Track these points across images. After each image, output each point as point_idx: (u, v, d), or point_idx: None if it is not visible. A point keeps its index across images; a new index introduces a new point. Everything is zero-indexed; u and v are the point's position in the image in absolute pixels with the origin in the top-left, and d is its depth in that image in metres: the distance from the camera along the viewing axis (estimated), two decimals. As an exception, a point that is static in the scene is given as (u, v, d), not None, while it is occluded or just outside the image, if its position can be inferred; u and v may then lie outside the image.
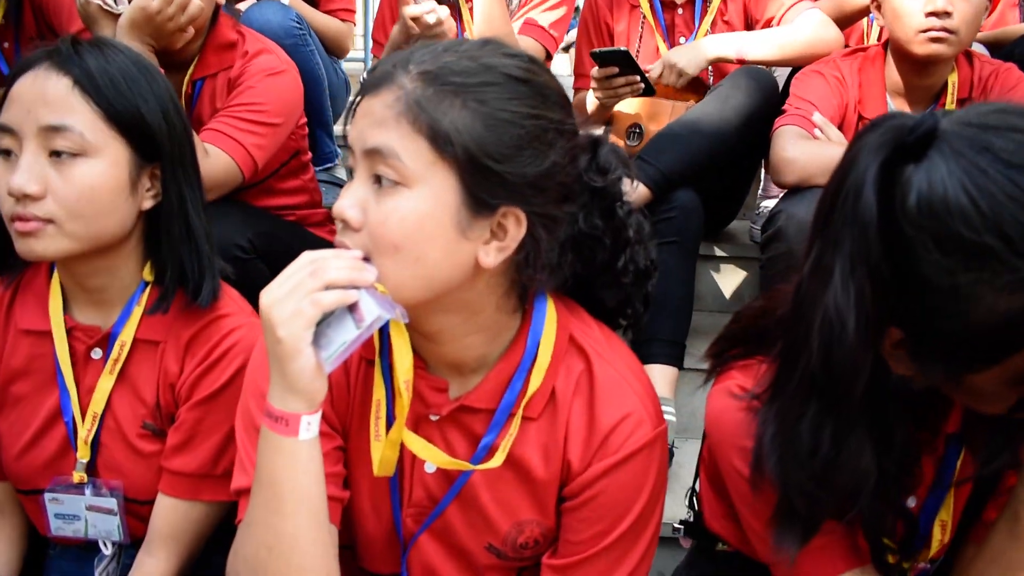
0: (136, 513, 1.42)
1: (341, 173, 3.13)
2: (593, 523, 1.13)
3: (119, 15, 1.92)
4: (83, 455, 1.39)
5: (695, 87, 2.48)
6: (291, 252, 2.20)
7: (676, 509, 2.07)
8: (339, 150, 3.11)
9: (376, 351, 1.16)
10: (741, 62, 2.43)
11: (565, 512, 1.15)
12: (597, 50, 2.36)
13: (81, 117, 1.25)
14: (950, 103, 2.23)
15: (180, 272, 1.37)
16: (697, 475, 1.49)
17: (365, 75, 1.10)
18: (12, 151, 1.25)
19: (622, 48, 2.34)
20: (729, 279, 2.84)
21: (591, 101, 2.51)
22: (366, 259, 1.00)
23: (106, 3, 1.94)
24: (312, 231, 2.37)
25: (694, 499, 1.51)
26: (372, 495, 1.21)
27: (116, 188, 1.29)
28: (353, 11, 3.08)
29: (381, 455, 1.13)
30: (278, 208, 2.30)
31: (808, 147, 2.09)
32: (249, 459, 1.13)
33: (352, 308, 0.98)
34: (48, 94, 1.24)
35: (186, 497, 1.38)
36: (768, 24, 2.51)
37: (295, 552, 1.03)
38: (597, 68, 2.35)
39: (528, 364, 1.13)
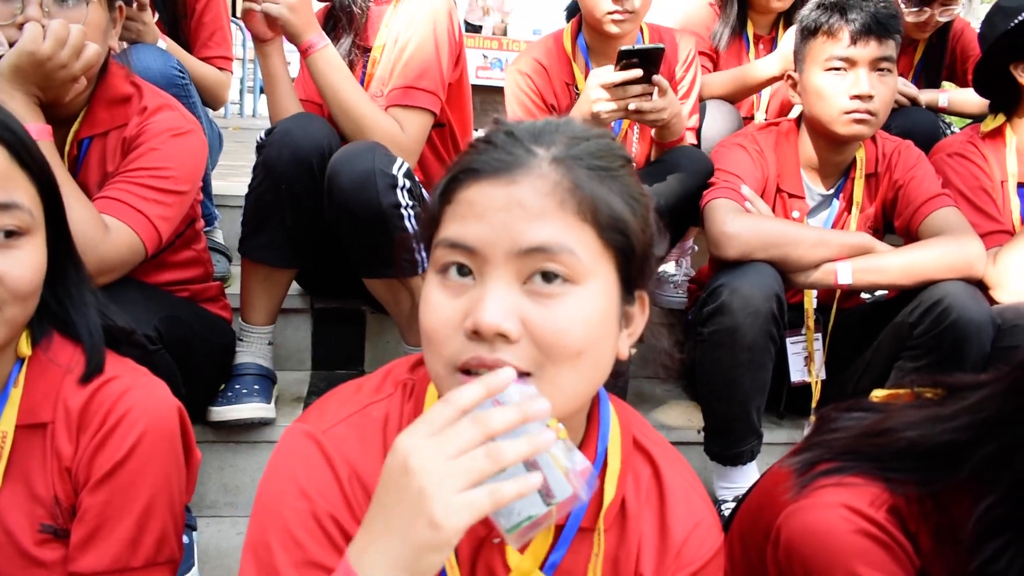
0: None
1: (219, 236, 2.84)
2: None
3: None
4: None
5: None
6: (195, 338, 1.96)
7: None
8: (217, 212, 2.82)
9: None
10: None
11: None
12: (631, 47, 2.12)
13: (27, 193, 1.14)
14: (858, 177, 2.32)
15: (71, 336, 1.24)
16: None
17: (474, 160, 0.92)
18: None
19: (661, 44, 2.21)
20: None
21: None
22: (523, 374, 0.85)
23: None
24: (207, 308, 2.11)
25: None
26: None
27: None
28: (231, 59, 2.82)
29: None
30: (171, 284, 2.02)
31: (748, 222, 2.09)
32: None
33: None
34: None
35: None
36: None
37: None
38: (613, 70, 2.12)
39: (597, 472, 1.02)
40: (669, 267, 2.93)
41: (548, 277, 0.87)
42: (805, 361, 2.35)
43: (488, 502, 0.77)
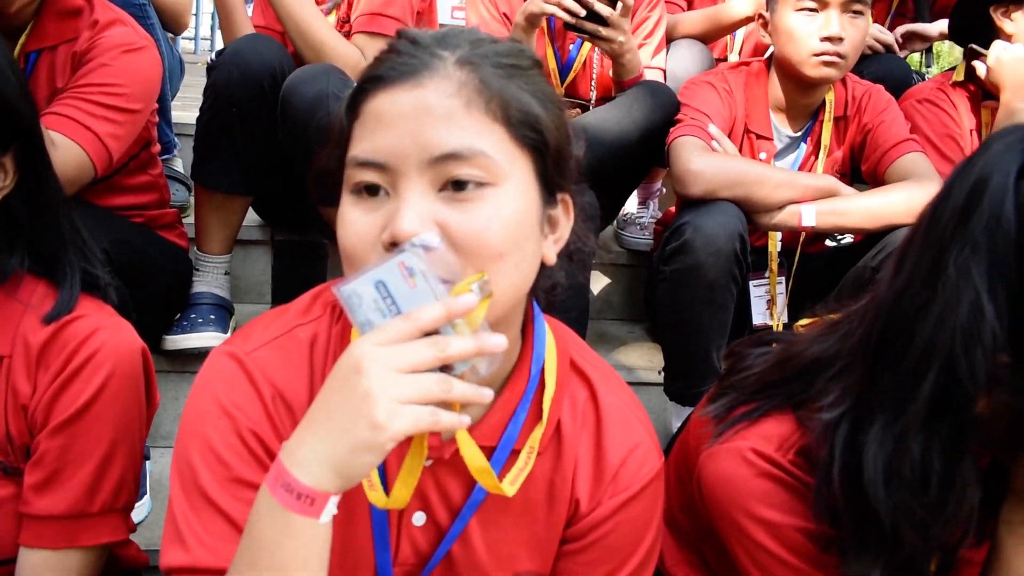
0: None
1: (178, 165, 2.77)
2: (598, 566, 1.03)
3: None
4: None
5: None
6: (148, 264, 1.92)
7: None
8: (177, 140, 2.75)
9: None
10: None
11: (566, 556, 1.04)
12: None
13: None
14: (827, 120, 2.30)
15: (41, 266, 1.17)
16: None
17: (378, 68, 0.90)
18: None
19: None
20: (595, 285, 2.80)
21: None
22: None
23: None
24: (162, 235, 2.06)
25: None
26: (349, 560, 1.01)
27: None
28: (193, -17, 2.73)
29: (396, 491, 0.92)
30: (124, 208, 1.98)
31: (713, 160, 2.07)
32: (192, 532, 0.92)
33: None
34: None
35: (59, 546, 1.15)
36: None
37: None
38: None
39: (532, 393, 1.00)
40: (635, 208, 2.90)
41: (461, 184, 0.85)
42: (767, 304, 2.35)
43: (428, 421, 0.78)
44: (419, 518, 1.01)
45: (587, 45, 2.43)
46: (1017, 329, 0.88)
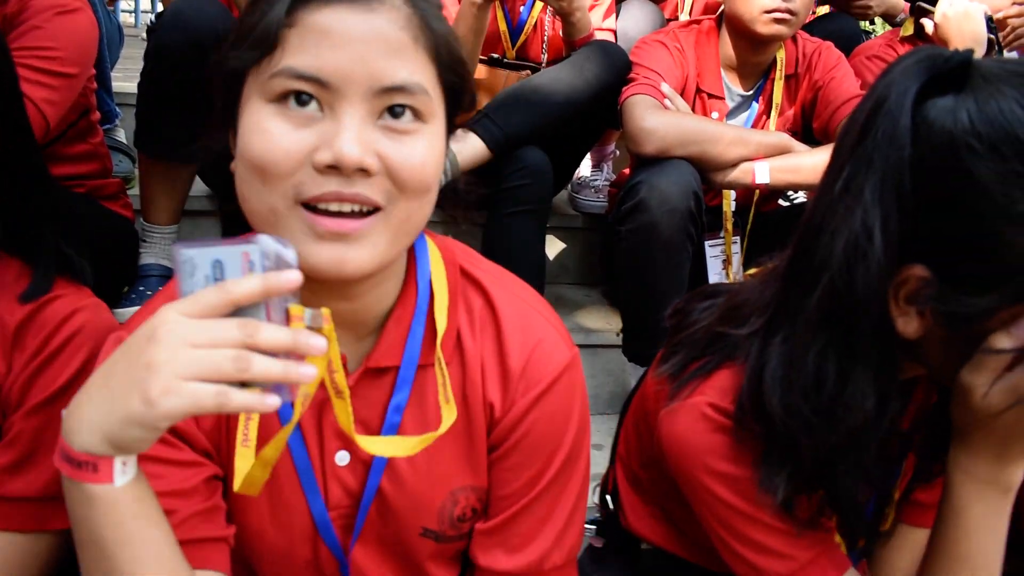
0: None
1: (120, 135, 2.69)
2: (525, 468, 1.02)
3: None
4: None
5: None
6: (94, 235, 1.86)
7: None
8: (118, 109, 2.67)
9: None
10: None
11: (493, 465, 1.04)
12: None
13: None
14: (778, 78, 2.31)
15: (15, 245, 1.12)
16: (608, 477, 1.44)
17: None
18: None
19: None
20: (551, 249, 2.79)
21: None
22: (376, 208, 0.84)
23: None
24: (107, 205, 2.00)
25: (606, 498, 1.43)
26: (282, 515, 1.01)
27: None
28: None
29: (251, 469, 0.90)
30: (65, 178, 1.91)
31: (666, 118, 2.06)
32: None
33: None
34: None
35: (29, 528, 1.11)
36: None
37: None
38: None
39: (425, 307, 1.00)
40: (589, 171, 2.89)
41: (396, 113, 0.85)
42: (723, 264, 2.36)
43: (212, 403, 0.73)
44: (342, 457, 1.00)
45: (538, 6, 2.40)
46: (931, 240, 0.89)
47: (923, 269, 0.90)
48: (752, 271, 1.25)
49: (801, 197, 2.85)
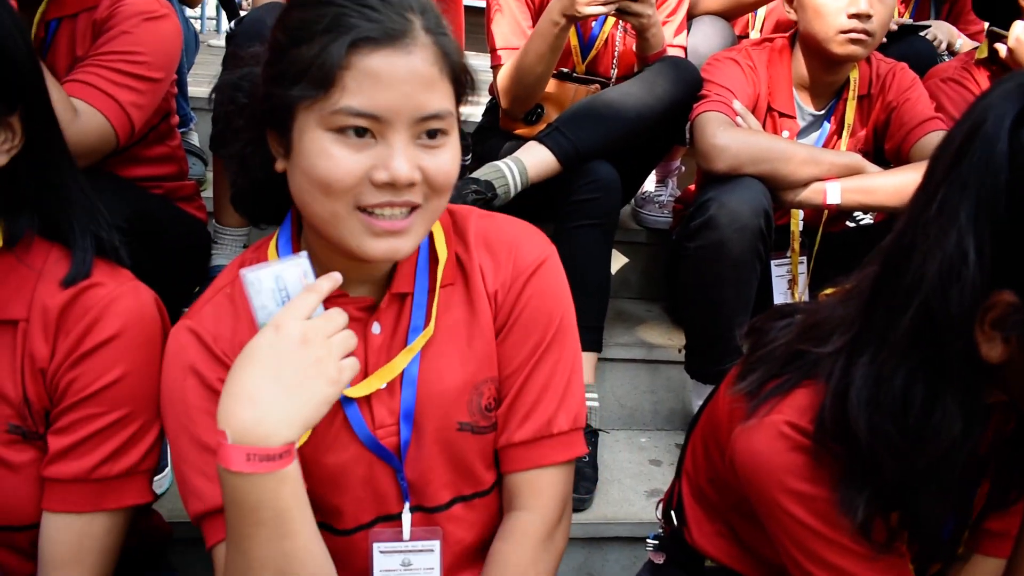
0: (11, 544, 1.16)
1: (194, 139, 2.75)
2: (524, 342, 1.21)
3: None
4: None
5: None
6: (168, 235, 1.91)
7: (605, 508, 1.99)
8: (193, 114, 2.73)
9: None
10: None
11: (500, 347, 1.22)
12: None
13: None
14: (851, 98, 2.28)
15: (52, 230, 1.17)
16: (672, 492, 1.43)
17: (362, 27, 1.02)
18: None
19: None
20: (613, 264, 2.78)
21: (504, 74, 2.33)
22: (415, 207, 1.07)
23: None
24: (182, 207, 2.05)
25: (670, 513, 1.41)
26: (335, 443, 1.17)
27: None
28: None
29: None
30: (143, 180, 1.96)
31: (738, 135, 2.04)
32: (202, 480, 1.10)
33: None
34: None
35: (84, 509, 1.14)
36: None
37: (308, 563, 1.02)
38: None
39: (427, 244, 1.22)
40: (654, 186, 2.88)
41: (432, 134, 1.05)
42: (789, 284, 2.33)
43: (355, 369, 1.01)
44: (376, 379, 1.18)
45: (610, 21, 2.40)
46: (1019, 267, 0.89)
47: (1012, 295, 0.89)
48: (828, 291, 1.24)
49: (868, 219, 2.80)
